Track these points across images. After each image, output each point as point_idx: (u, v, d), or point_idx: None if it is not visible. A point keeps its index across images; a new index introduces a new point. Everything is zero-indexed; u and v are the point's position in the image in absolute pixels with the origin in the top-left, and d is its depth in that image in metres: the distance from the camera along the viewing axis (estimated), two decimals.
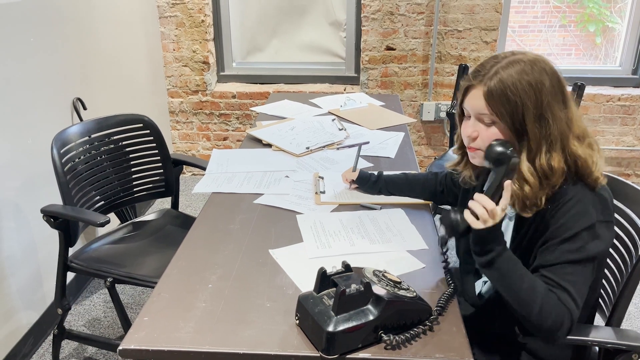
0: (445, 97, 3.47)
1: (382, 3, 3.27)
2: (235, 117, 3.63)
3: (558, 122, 1.11)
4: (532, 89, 1.09)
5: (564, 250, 1.10)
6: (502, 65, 1.12)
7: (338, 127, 2.27)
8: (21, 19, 2.03)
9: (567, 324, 1.07)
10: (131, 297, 2.47)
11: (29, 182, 2.11)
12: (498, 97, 1.10)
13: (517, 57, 1.13)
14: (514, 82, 1.09)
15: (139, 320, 1.12)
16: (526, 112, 1.09)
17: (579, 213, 1.10)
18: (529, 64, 1.11)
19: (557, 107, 1.11)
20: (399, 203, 1.63)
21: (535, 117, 1.10)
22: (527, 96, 1.09)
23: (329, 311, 1.04)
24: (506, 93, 1.09)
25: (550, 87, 1.10)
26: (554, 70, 1.13)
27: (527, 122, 1.10)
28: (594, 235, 1.09)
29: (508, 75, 1.10)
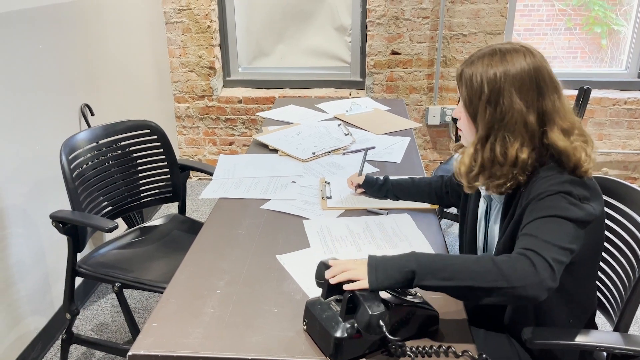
0: (451, 101, 3.47)
1: (387, 8, 3.28)
2: (241, 122, 3.64)
3: (515, 112, 1.15)
4: (495, 77, 1.15)
5: (539, 207, 1.11)
6: (480, 53, 1.20)
7: (344, 132, 2.27)
8: (30, 26, 2.05)
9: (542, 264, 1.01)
10: (139, 301, 2.49)
11: (38, 187, 2.13)
12: (465, 77, 1.20)
13: (498, 47, 1.19)
14: (480, 71, 1.17)
15: (148, 325, 1.13)
16: (481, 96, 1.17)
17: (555, 183, 1.12)
18: (504, 54, 1.17)
19: (517, 97, 1.14)
20: (406, 208, 1.63)
21: (487, 101, 1.17)
22: (487, 83, 1.16)
23: (336, 317, 1.04)
24: (471, 78, 1.18)
25: (518, 78, 1.14)
26: (533, 63, 1.16)
27: (480, 105, 1.18)
28: (570, 201, 1.09)
29: (479, 63, 1.18)
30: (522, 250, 1.05)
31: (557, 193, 1.11)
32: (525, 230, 1.11)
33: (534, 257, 1.03)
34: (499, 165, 1.17)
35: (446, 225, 3.18)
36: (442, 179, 1.62)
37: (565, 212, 1.09)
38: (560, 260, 1.05)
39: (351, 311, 1.03)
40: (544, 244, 1.05)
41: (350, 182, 1.73)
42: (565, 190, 1.11)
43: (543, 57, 1.18)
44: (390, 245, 1.43)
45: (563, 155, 1.14)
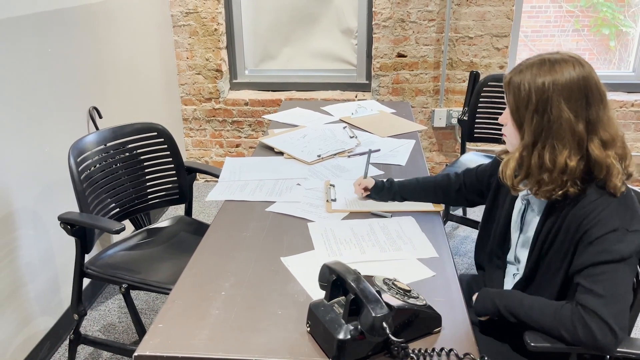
0: (457, 104, 3.47)
1: (393, 10, 3.29)
2: (248, 124, 3.66)
3: (564, 120, 1.17)
4: (543, 87, 1.18)
5: (590, 253, 1.14)
6: (529, 62, 1.22)
7: (349, 134, 2.29)
8: (39, 30, 2.08)
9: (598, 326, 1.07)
10: (145, 302, 2.51)
11: (47, 190, 2.15)
12: (514, 85, 1.22)
13: (547, 57, 1.21)
14: (529, 80, 1.19)
15: (154, 327, 1.14)
16: (529, 105, 1.19)
17: (603, 219, 1.14)
18: (553, 64, 1.19)
19: (566, 106, 1.16)
20: (410, 211, 1.64)
21: (535, 110, 1.19)
22: (535, 92, 1.18)
23: (339, 319, 1.06)
24: (519, 87, 1.21)
25: (567, 88, 1.17)
26: (582, 73, 1.18)
27: (527, 113, 1.20)
28: (619, 239, 1.12)
29: (528, 72, 1.20)
30: (583, 311, 1.10)
31: (608, 233, 1.13)
32: (581, 279, 1.14)
33: (595, 323, 1.08)
34: (547, 172, 1.19)
35: (451, 228, 3.18)
36: (449, 177, 1.64)
37: (618, 252, 1.11)
38: (622, 313, 1.09)
39: (354, 313, 1.04)
40: (602, 301, 1.09)
41: (358, 186, 1.73)
42: (614, 229, 1.13)
43: (591, 67, 1.21)
44: (394, 247, 1.44)
45: (596, 166, 1.17)
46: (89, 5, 2.44)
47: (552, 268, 1.24)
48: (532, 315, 1.17)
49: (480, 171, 1.59)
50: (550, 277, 1.25)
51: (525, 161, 1.22)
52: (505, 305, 1.22)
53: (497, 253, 1.45)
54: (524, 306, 1.19)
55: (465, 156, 2.86)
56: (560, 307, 1.14)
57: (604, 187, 1.17)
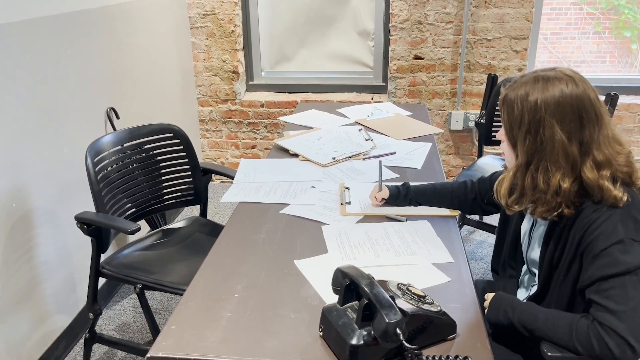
0: (474, 107, 3.43)
1: (410, 12, 3.27)
2: (264, 125, 3.67)
3: (556, 142, 1.14)
4: (536, 106, 1.15)
5: (596, 266, 1.11)
6: (524, 80, 1.19)
7: (365, 137, 2.27)
8: (59, 32, 2.11)
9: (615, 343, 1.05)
10: (159, 302, 2.52)
11: (64, 189, 2.18)
12: (507, 104, 1.20)
13: (541, 75, 1.18)
14: (522, 97, 1.17)
15: (167, 328, 1.14)
16: (522, 125, 1.17)
17: (606, 231, 1.11)
18: (546, 82, 1.16)
19: (558, 128, 1.14)
20: (425, 215, 1.62)
21: (527, 131, 1.17)
22: (528, 112, 1.16)
23: (352, 324, 1.04)
24: (512, 105, 1.18)
25: (560, 108, 1.14)
26: (575, 92, 1.14)
27: (519, 134, 1.18)
28: (625, 250, 1.09)
29: (521, 89, 1.18)
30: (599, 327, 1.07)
31: (613, 245, 1.09)
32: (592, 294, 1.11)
33: (613, 340, 1.05)
34: (541, 193, 1.17)
35: (467, 232, 3.15)
36: (466, 184, 1.61)
37: (625, 264, 1.08)
38: (638, 325, 1.06)
39: (367, 318, 1.03)
40: (617, 316, 1.06)
41: (374, 199, 1.71)
42: (619, 240, 1.09)
43: (587, 84, 1.16)
44: (409, 252, 1.42)
45: (588, 188, 1.15)
46: (107, 7, 2.47)
47: (561, 282, 1.22)
48: (547, 329, 1.15)
49: (494, 180, 1.55)
50: (560, 291, 1.23)
51: (519, 181, 1.21)
52: (520, 320, 1.20)
53: (510, 263, 1.43)
54: (538, 321, 1.17)
55: (482, 159, 2.83)
56: (576, 322, 1.11)
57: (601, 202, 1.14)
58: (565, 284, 1.20)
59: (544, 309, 1.20)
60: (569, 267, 1.19)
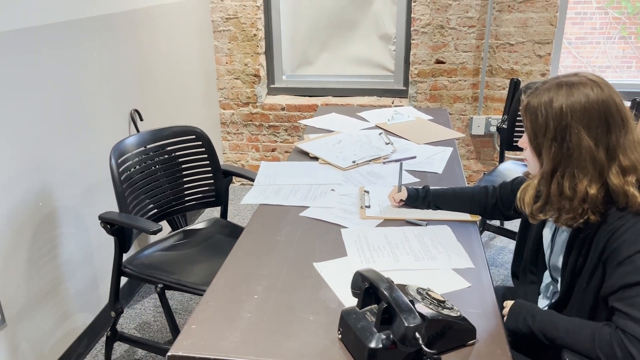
0: (496, 112, 3.40)
1: (432, 17, 3.26)
2: (284, 128, 3.69)
3: (583, 148, 1.12)
4: (561, 112, 1.13)
5: (620, 274, 1.09)
6: (546, 86, 1.18)
7: (385, 141, 2.27)
8: (85, 35, 2.15)
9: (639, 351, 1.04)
10: (180, 302, 2.55)
11: (89, 189, 2.22)
12: (531, 111, 1.18)
13: (565, 80, 1.16)
14: (546, 104, 1.15)
15: (187, 327, 1.16)
16: (547, 132, 1.16)
17: (630, 238, 1.09)
18: (570, 87, 1.14)
19: (585, 133, 1.12)
20: (446, 219, 1.62)
21: (553, 138, 1.15)
22: (553, 119, 1.14)
23: (371, 327, 1.05)
24: (537, 110, 1.17)
25: (586, 113, 1.12)
26: (601, 97, 1.12)
27: (545, 141, 1.16)
28: None
29: (545, 96, 1.16)
30: (622, 335, 1.06)
31: (636, 253, 1.08)
32: (615, 302, 1.10)
33: (636, 347, 1.03)
34: (567, 200, 1.15)
35: (488, 238, 3.11)
36: (487, 189, 1.60)
37: None
38: None
39: (386, 322, 1.03)
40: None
41: (393, 199, 1.72)
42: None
43: (612, 89, 1.15)
44: (429, 257, 1.42)
45: (614, 194, 1.13)
46: (132, 12, 2.51)
47: (583, 289, 1.20)
48: (568, 338, 1.13)
49: (516, 185, 1.55)
50: (582, 298, 1.21)
51: (544, 189, 1.19)
52: (540, 328, 1.18)
53: (531, 269, 1.41)
54: (559, 329, 1.15)
55: (503, 165, 2.80)
56: (598, 330, 1.10)
57: (626, 209, 1.12)
58: (588, 291, 1.19)
59: (565, 317, 1.18)
60: (591, 275, 1.17)
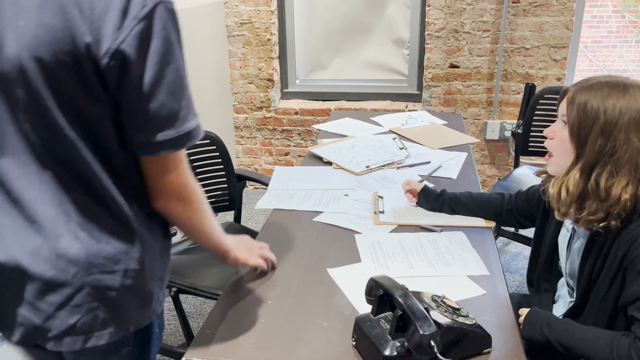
0: (511, 116, 3.38)
1: (446, 21, 3.25)
2: (297, 133, 3.69)
3: (630, 149, 1.10)
4: (614, 110, 1.11)
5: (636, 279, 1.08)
6: (599, 81, 1.15)
7: (399, 146, 2.26)
8: None
9: None
10: (193, 306, 2.56)
11: None
12: (578, 105, 1.15)
13: (621, 80, 1.14)
14: (599, 100, 1.12)
15: (202, 332, 1.16)
16: (594, 124, 1.12)
17: None
18: (626, 88, 1.12)
19: (635, 136, 1.10)
20: (460, 225, 1.60)
21: (601, 131, 1.12)
22: (604, 113, 1.11)
23: (385, 335, 1.04)
24: (586, 105, 1.14)
25: (638, 117, 1.10)
26: None
27: (591, 132, 1.12)
28: None
29: (598, 91, 1.13)
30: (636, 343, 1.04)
31: None
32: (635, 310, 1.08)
33: None
34: (599, 200, 1.13)
35: (503, 244, 3.09)
36: (503, 196, 1.58)
37: None
38: None
39: (401, 329, 1.03)
40: None
41: (407, 184, 1.71)
42: None
43: None
44: (443, 263, 1.41)
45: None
46: None
47: (601, 298, 1.19)
48: (585, 348, 1.12)
49: (531, 194, 1.52)
50: (600, 307, 1.19)
51: (581, 183, 1.15)
52: (557, 337, 1.17)
53: (546, 277, 1.40)
54: (576, 338, 1.14)
55: (518, 170, 2.78)
56: (617, 340, 1.08)
57: None
58: (607, 300, 1.17)
59: (582, 326, 1.17)
60: (610, 283, 1.15)
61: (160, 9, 0.86)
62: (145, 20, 0.84)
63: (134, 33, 0.83)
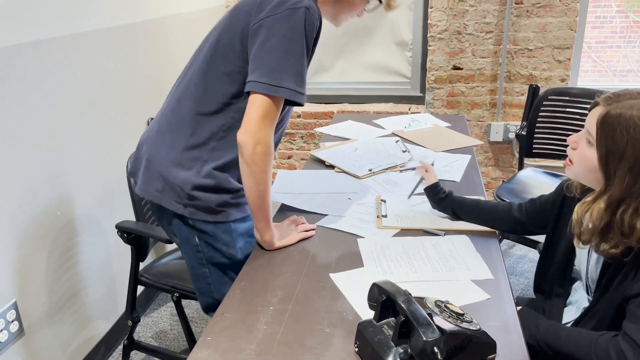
0: (515, 118, 3.36)
1: (449, 23, 3.24)
2: (300, 136, 3.69)
3: None
4: None
5: None
6: (632, 103, 1.06)
7: (402, 148, 2.25)
8: (104, 45, 2.18)
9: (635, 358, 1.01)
10: (196, 311, 2.55)
11: (106, 198, 2.24)
12: (608, 126, 1.07)
13: None
14: (630, 124, 1.04)
15: (203, 339, 1.15)
16: (623, 159, 1.05)
17: None
18: None
19: None
20: (464, 229, 1.59)
21: (629, 169, 1.05)
22: (633, 147, 1.04)
23: (388, 341, 1.03)
24: (616, 128, 1.06)
25: None
26: None
27: (619, 168, 1.06)
28: None
29: (632, 114, 1.05)
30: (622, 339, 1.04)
31: None
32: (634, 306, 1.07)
33: (634, 354, 1.01)
34: (622, 235, 1.09)
35: (507, 247, 3.07)
36: (512, 205, 1.53)
37: None
38: None
39: (404, 336, 1.01)
40: None
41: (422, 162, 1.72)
42: None
43: None
44: (447, 268, 1.39)
45: None
46: (150, 21, 2.54)
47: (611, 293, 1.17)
48: (568, 347, 1.13)
49: (543, 201, 1.46)
50: (609, 302, 1.17)
51: (606, 218, 1.10)
52: (544, 338, 1.18)
53: (559, 282, 1.37)
54: (560, 338, 1.15)
55: (523, 172, 2.76)
56: (597, 337, 1.09)
57: None
58: (615, 294, 1.15)
59: (568, 327, 1.18)
60: (622, 279, 1.13)
61: None
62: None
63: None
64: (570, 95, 2.62)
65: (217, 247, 1.45)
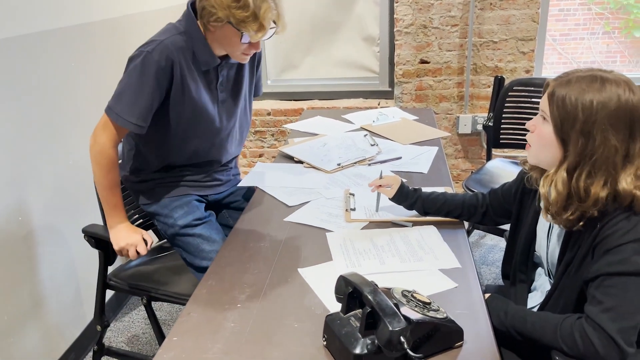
0: (482, 110, 3.40)
1: (415, 17, 3.25)
2: (270, 133, 3.66)
3: (607, 149, 1.09)
4: (591, 106, 1.09)
5: (605, 261, 1.08)
6: (578, 75, 1.13)
7: (370, 142, 2.25)
8: (63, 45, 2.12)
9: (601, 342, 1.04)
10: (168, 313, 2.51)
11: (72, 202, 2.18)
12: (558, 96, 1.13)
13: (599, 74, 1.12)
14: (576, 95, 1.11)
15: (168, 340, 1.13)
16: (575, 123, 1.11)
17: (625, 227, 1.07)
18: (603, 84, 1.10)
19: (612, 134, 1.09)
20: (432, 220, 1.59)
21: (581, 131, 1.11)
22: (582, 110, 1.10)
23: (356, 333, 1.02)
24: (565, 100, 1.12)
25: (614, 113, 1.08)
26: (632, 101, 1.09)
27: (572, 132, 1.11)
28: (639, 250, 1.05)
29: (577, 86, 1.12)
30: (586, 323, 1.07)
31: (629, 242, 1.06)
32: (592, 289, 1.09)
33: (598, 337, 1.04)
34: (577, 201, 1.12)
35: (478, 237, 3.10)
36: (477, 196, 1.55)
37: (635, 266, 1.05)
38: (631, 329, 1.04)
39: (371, 327, 1.01)
40: (610, 315, 1.04)
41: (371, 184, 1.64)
42: (637, 238, 1.06)
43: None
44: (415, 258, 1.40)
45: (620, 197, 1.10)
46: (110, 20, 2.48)
47: (572, 277, 1.19)
48: (535, 332, 1.15)
49: (506, 190, 1.49)
50: (570, 286, 1.20)
51: (566, 184, 1.13)
52: (512, 324, 1.19)
53: (522, 268, 1.39)
54: (527, 323, 1.17)
55: (491, 163, 2.80)
56: (561, 321, 1.11)
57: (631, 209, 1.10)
58: (576, 278, 1.17)
59: (535, 312, 1.19)
60: (581, 261, 1.16)
61: None
62: None
63: None
64: (535, 86, 2.67)
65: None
